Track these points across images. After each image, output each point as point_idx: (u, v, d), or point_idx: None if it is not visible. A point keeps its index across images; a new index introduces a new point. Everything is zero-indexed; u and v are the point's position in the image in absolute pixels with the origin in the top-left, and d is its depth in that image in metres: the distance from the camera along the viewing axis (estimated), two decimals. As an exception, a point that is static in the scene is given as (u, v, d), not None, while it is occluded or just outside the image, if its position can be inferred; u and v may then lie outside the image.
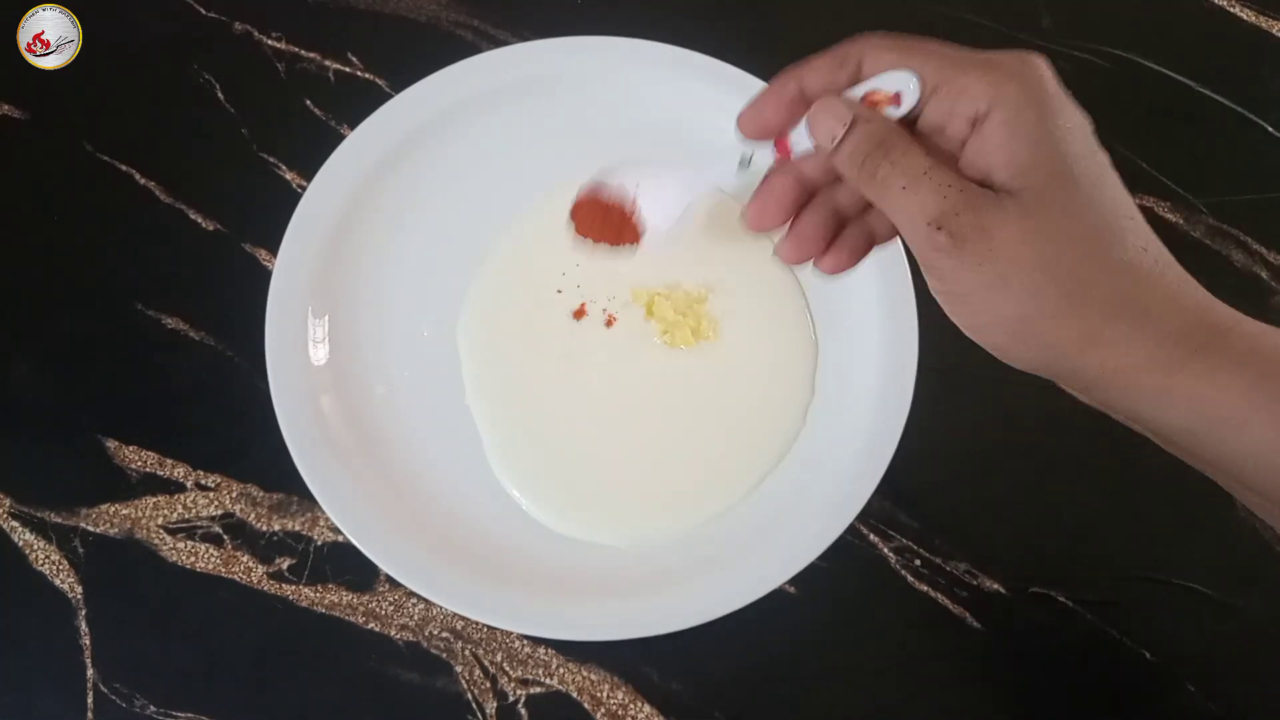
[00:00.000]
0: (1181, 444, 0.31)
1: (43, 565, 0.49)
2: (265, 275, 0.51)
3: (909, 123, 0.33)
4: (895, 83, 0.32)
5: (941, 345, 0.50)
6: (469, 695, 0.48)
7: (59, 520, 0.50)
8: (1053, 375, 0.32)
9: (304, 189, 0.52)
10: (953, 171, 0.31)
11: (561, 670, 0.48)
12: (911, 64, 0.32)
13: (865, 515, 0.48)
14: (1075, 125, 0.31)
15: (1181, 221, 0.57)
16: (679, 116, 0.56)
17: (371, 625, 0.49)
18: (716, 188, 0.40)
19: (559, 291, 0.53)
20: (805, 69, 0.34)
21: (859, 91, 0.33)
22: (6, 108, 0.57)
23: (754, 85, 0.55)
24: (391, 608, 0.49)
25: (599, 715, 0.48)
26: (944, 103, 0.32)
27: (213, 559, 0.49)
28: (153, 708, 0.47)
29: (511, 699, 0.48)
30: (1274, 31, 0.63)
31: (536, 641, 0.49)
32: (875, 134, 0.32)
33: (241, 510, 0.50)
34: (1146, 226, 0.31)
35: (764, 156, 0.36)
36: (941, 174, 0.31)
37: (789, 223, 0.36)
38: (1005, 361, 0.32)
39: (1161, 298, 0.30)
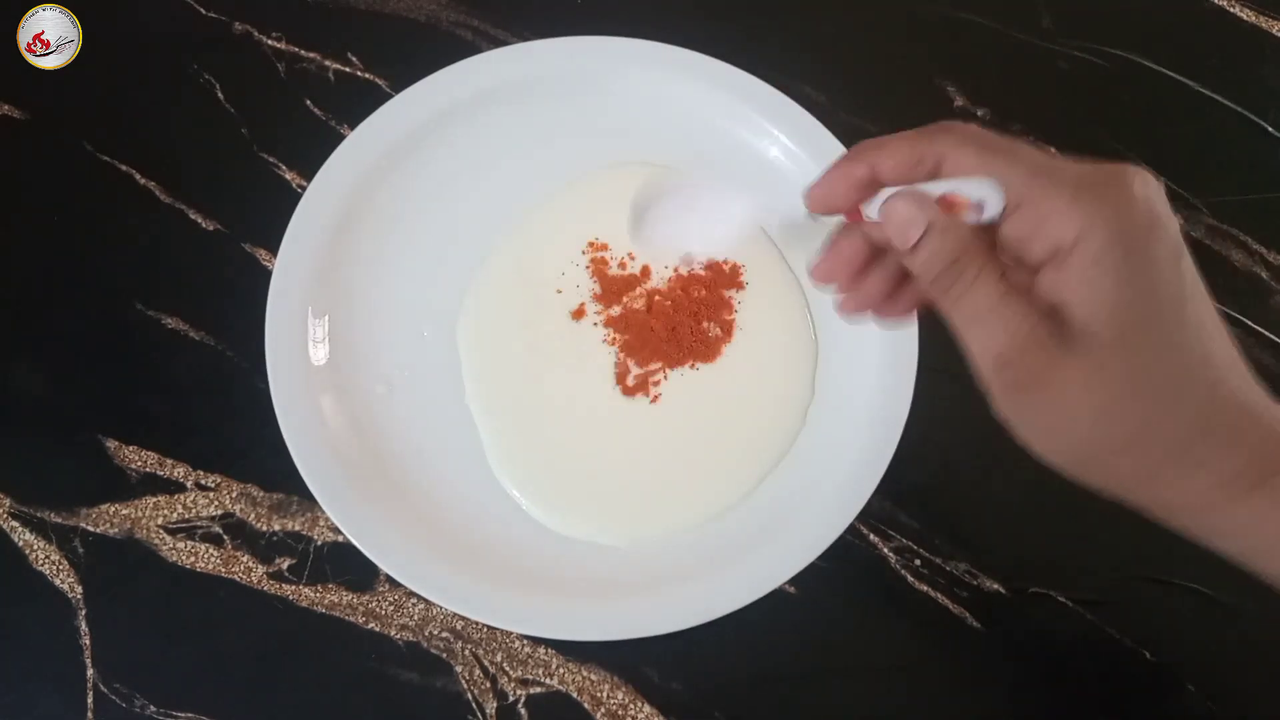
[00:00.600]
0: (1251, 566, 0.32)
1: (43, 565, 0.49)
2: (265, 275, 0.51)
3: (988, 226, 0.31)
4: (977, 190, 0.30)
5: (941, 345, 0.50)
6: (469, 695, 0.48)
7: (59, 520, 0.50)
8: (1118, 500, 0.32)
9: (304, 189, 0.52)
10: (1024, 303, 0.30)
11: (561, 670, 0.48)
12: (996, 173, 0.30)
13: (865, 515, 0.48)
14: (1165, 255, 0.29)
15: (1181, 221, 0.57)
16: (679, 117, 0.56)
17: (371, 625, 0.49)
18: (782, 221, 0.39)
19: (559, 291, 0.53)
20: (881, 152, 0.33)
21: (937, 190, 0.31)
22: (6, 108, 0.57)
23: (755, 86, 0.55)
24: (391, 608, 0.49)
25: (599, 715, 0.48)
26: (1027, 223, 0.30)
27: (213, 559, 0.49)
28: (153, 708, 0.47)
29: (511, 699, 0.48)
30: (1274, 31, 0.63)
31: (536, 641, 0.49)
32: (950, 250, 0.30)
33: (241, 510, 0.50)
34: (1229, 353, 0.30)
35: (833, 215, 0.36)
36: (1012, 307, 0.30)
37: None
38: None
39: (1229, 435, 0.29)
